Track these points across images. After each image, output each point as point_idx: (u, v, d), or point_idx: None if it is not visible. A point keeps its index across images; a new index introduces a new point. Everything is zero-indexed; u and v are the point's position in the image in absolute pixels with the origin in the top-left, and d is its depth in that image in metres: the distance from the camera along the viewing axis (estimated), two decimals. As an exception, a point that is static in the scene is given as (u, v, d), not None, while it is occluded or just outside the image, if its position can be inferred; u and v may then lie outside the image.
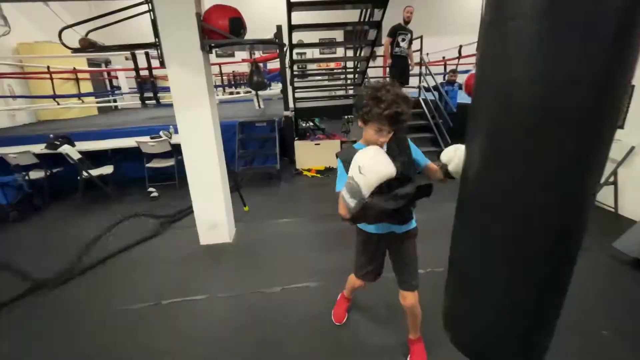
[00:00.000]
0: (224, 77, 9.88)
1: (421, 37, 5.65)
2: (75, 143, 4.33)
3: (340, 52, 9.13)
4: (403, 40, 4.62)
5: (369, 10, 3.88)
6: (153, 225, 3.40)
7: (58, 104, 6.98)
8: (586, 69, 0.63)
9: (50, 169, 4.26)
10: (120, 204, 4.17)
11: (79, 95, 7.84)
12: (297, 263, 2.64)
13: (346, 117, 7.67)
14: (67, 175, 4.35)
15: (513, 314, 0.85)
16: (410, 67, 5.32)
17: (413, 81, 5.94)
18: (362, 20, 4.25)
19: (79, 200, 4.19)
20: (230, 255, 2.84)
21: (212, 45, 2.61)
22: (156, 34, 2.41)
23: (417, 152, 1.38)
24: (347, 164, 1.19)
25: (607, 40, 0.61)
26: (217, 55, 10.22)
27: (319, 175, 5.02)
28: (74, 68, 7.67)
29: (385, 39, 4.73)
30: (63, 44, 2.37)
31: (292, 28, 3.77)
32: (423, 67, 5.53)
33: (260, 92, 5.45)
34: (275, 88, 6.97)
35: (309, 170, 5.16)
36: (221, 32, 2.46)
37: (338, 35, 10.42)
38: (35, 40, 7.32)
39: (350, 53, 6.57)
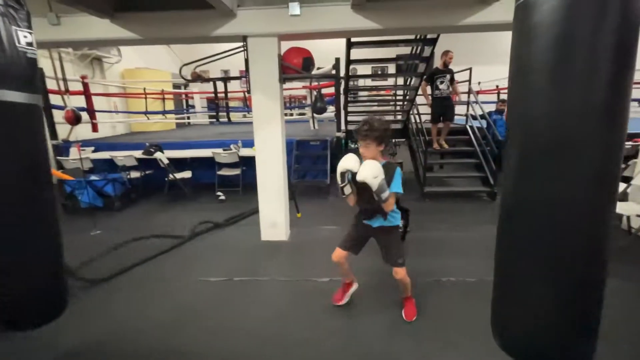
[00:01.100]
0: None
1: (470, 69, 5.95)
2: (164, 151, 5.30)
3: (391, 81, 9.64)
4: (442, 82, 4.88)
5: (419, 47, 4.34)
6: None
7: (148, 118, 8.37)
8: (588, 106, 0.94)
9: (145, 170, 5.24)
10: (195, 203, 4.97)
11: (164, 112, 9.27)
12: (342, 262, 3.06)
13: (393, 140, 8.07)
14: (157, 177, 5.31)
15: (554, 317, 1.06)
16: (454, 103, 5.50)
17: (461, 109, 6.20)
18: (412, 54, 4.74)
19: (164, 197, 5.09)
20: (286, 250, 3.35)
21: (286, 78, 3.25)
22: (247, 68, 3.12)
23: (396, 181, 1.90)
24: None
25: (602, 84, 0.91)
26: (278, 81, 11.33)
27: (364, 192, 5.43)
28: (162, 90, 9.14)
29: (422, 83, 4.99)
30: (181, 76, 3.19)
31: (349, 62, 4.36)
32: (471, 96, 5.79)
33: (316, 115, 6.12)
34: (329, 112, 7.65)
35: (355, 187, 5.59)
36: (295, 68, 3.09)
37: (391, 66, 11.00)
38: (136, 67, 8.94)
39: (401, 82, 7.04)
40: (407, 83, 5.61)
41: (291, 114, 11.00)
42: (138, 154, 5.14)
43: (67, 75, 5.55)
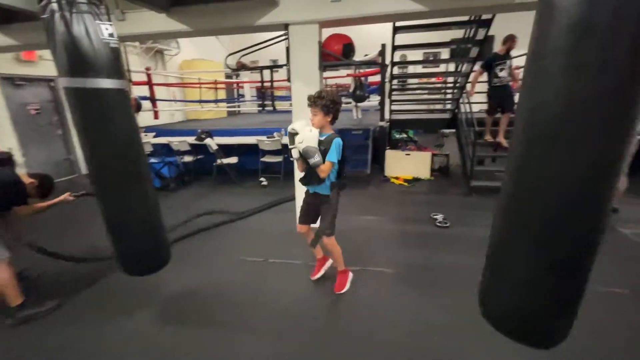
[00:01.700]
0: (328, 89, 10.88)
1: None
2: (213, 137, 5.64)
3: (443, 68, 9.08)
4: (502, 70, 4.37)
5: (472, 30, 4.02)
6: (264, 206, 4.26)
7: (202, 107, 8.93)
8: (597, 95, 0.88)
9: (197, 155, 5.65)
10: (240, 187, 5.25)
11: (216, 101, 9.81)
12: (375, 252, 3.04)
13: (442, 130, 7.65)
14: (207, 161, 5.69)
15: (537, 291, 1.09)
16: (513, 92, 4.95)
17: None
18: (465, 38, 4.40)
19: (212, 181, 5.45)
20: (320, 237, 3.41)
21: (327, 65, 3.24)
22: (288, 56, 3.17)
23: (331, 152, 2.03)
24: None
25: (616, 74, 0.84)
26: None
27: (406, 184, 5.27)
28: (215, 80, 9.66)
29: (477, 71, 4.57)
30: (227, 65, 3.34)
31: (395, 48, 4.20)
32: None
33: (359, 104, 6.02)
34: (374, 100, 7.46)
35: (396, 178, 5.45)
36: (335, 55, 3.06)
37: (445, 51, 10.35)
38: (193, 58, 9.54)
39: (452, 68, 6.60)
40: (459, 69, 5.24)
41: (337, 103, 10.94)
42: (191, 139, 5.54)
43: (134, 67, 6.13)
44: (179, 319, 2.21)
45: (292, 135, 2.02)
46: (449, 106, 6.11)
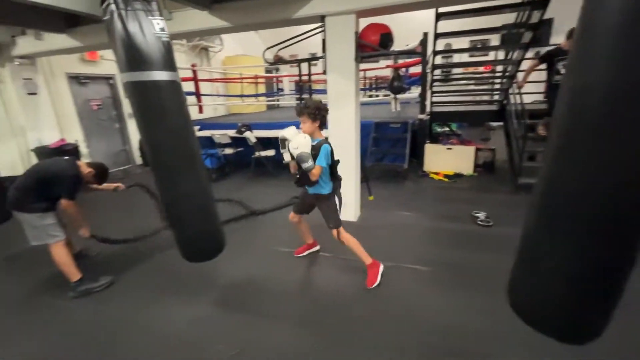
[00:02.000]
0: (367, 81, 10.69)
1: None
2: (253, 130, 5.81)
3: (492, 56, 8.46)
4: (564, 65, 3.92)
5: (526, 13, 3.67)
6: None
7: (243, 101, 9.24)
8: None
9: (237, 147, 5.87)
10: (276, 179, 5.37)
11: (256, 95, 10.09)
12: (410, 249, 2.95)
13: (488, 123, 7.16)
14: (246, 154, 5.89)
15: (571, 286, 1.00)
16: None
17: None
18: (517, 22, 4.04)
19: (250, 173, 5.64)
20: (353, 230, 3.33)
21: (364, 57, 3.17)
22: (324, 49, 3.14)
23: (320, 157, 2.13)
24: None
25: None
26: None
27: (446, 179, 5.03)
28: (256, 75, 9.91)
29: (533, 61, 4.15)
30: (264, 59, 3.41)
31: (437, 36, 3.98)
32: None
33: (398, 96, 5.83)
34: (415, 92, 7.19)
35: (436, 173, 5.22)
36: (372, 46, 2.98)
37: (495, 37, 9.61)
38: (235, 54, 9.87)
39: (502, 56, 6.12)
40: (509, 57, 4.84)
41: (376, 95, 10.72)
42: (232, 132, 5.76)
43: (181, 64, 6.48)
44: (214, 302, 2.33)
45: (283, 141, 2.19)
46: (496, 97, 5.68)
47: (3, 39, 4.60)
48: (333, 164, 2.27)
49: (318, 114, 2.21)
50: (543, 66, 4.28)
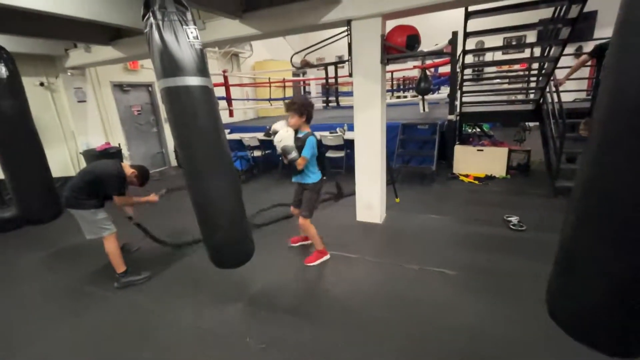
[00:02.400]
0: (394, 82, 10.57)
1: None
2: (281, 133, 5.95)
3: (527, 53, 8.05)
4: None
5: (563, 7, 3.50)
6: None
7: (271, 104, 9.47)
8: None
9: (265, 150, 6.04)
10: (303, 181, 5.46)
11: (284, 99, 10.28)
12: (437, 252, 2.89)
13: (524, 124, 6.82)
14: (274, 156, 6.04)
15: (615, 294, 0.95)
16: None
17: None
18: (555, 17, 3.85)
19: (277, 175, 5.78)
20: (379, 232, 3.39)
21: (390, 58, 3.16)
22: (350, 52, 3.18)
23: (305, 148, 2.39)
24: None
25: None
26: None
27: (476, 182, 4.87)
28: (284, 79, 10.12)
29: (582, 57, 3.95)
30: (292, 64, 3.51)
31: (467, 35, 3.88)
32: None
33: (426, 97, 5.72)
34: (444, 92, 7.01)
35: (466, 175, 5.07)
36: (399, 47, 2.97)
37: (531, 35, 9.15)
38: (264, 59, 10.14)
39: (537, 54, 5.83)
40: (546, 54, 4.61)
41: (404, 96, 10.56)
42: (260, 135, 5.94)
43: (213, 70, 6.79)
44: (240, 301, 2.43)
45: (274, 133, 2.44)
46: (532, 96, 5.42)
47: (58, 52, 5.07)
48: (320, 156, 2.48)
49: (304, 109, 2.42)
50: (587, 63, 4.05)
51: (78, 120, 5.65)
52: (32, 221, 3.20)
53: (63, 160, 5.60)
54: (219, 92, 7.31)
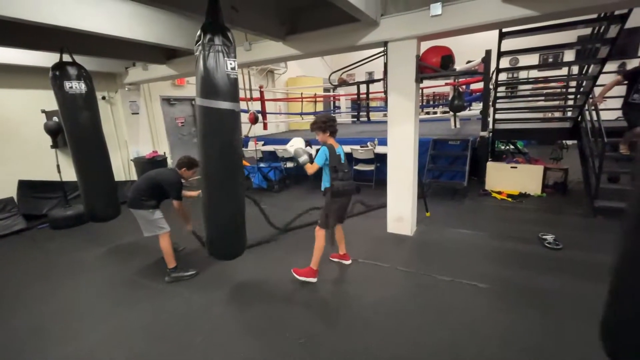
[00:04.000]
0: (424, 98, 10.64)
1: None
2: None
3: (562, 71, 7.87)
4: None
5: (602, 27, 3.51)
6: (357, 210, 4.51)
7: (302, 118, 9.83)
8: None
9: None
10: (333, 193, 5.63)
11: (315, 113, 10.63)
12: (469, 265, 2.93)
13: (561, 142, 6.64)
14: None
15: None
16: None
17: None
18: (593, 36, 3.86)
19: (309, 185, 6.00)
20: (409, 244, 3.47)
21: (424, 77, 3.32)
22: (385, 71, 3.37)
23: (318, 156, 2.61)
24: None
25: None
26: (422, 78, 11.08)
27: (510, 199, 4.81)
28: (315, 94, 10.50)
29: (617, 77, 3.92)
30: (330, 82, 3.75)
31: (501, 54, 3.96)
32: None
33: (458, 113, 5.77)
34: (476, 109, 7.00)
35: (499, 192, 5.02)
36: (433, 67, 3.13)
37: (569, 51, 8.94)
38: (297, 75, 10.60)
39: (575, 71, 5.73)
40: (584, 72, 4.56)
41: (434, 112, 10.57)
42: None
43: (251, 85, 7.25)
44: (278, 300, 2.60)
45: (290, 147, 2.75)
46: (569, 114, 5.31)
47: (119, 70, 5.69)
48: (333, 164, 2.59)
49: (325, 126, 2.63)
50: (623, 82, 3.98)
51: (131, 130, 6.23)
52: (97, 219, 3.60)
53: (116, 166, 6.10)
54: (256, 105, 7.75)
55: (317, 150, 2.68)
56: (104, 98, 5.80)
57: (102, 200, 3.50)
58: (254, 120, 6.16)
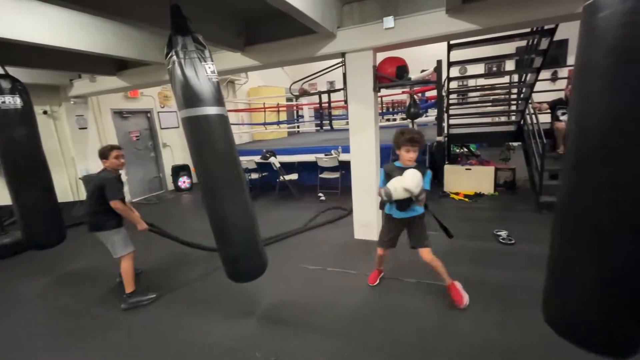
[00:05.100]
0: (384, 106, 11.05)
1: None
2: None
3: (505, 79, 8.62)
4: (563, 114, 4.48)
5: (535, 40, 3.89)
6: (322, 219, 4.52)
7: (266, 128, 9.75)
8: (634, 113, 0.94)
9: (262, 172, 6.22)
10: (300, 202, 5.61)
11: (278, 123, 10.61)
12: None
13: (508, 144, 7.20)
14: (271, 178, 6.22)
15: (599, 294, 1.09)
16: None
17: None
18: (528, 48, 4.25)
19: (275, 196, 5.92)
20: (375, 250, 3.52)
21: (381, 87, 3.44)
22: (345, 81, 3.45)
23: (428, 181, 2.28)
24: (387, 174, 2.31)
25: None
26: (380, 87, 11.53)
27: (467, 199, 5.10)
28: (278, 104, 10.49)
29: (544, 105, 4.81)
30: (291, 92, 3.76)
31: (450, 64, 4.24)
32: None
33: (415, 120, 6.05)
34: (432, 115, 7.38)
35: (456, 193, 5.30)
36: (389, 77, 3.26)
37: (510, 61, 9.80)
38: (258, 85, 10.53)
39: (515, 79, 6.28)
40: (522, 80, 5.01)
41: (394, 119, 11.00)
42: (257, 158, 6.13)
43: (211, 97, 7.07)
44: (247, 316, 2.51)
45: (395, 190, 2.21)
46: (513, 118, 5.79)
47: (62, 82, 5.27)
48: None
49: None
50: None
51: (78, 147, 5.77)
52: (37, 246, 3.25)
53: (63, 186, 5.66)
54: (217, 117, 7.55)
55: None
56: (45, 113, 5.34)
57: (43, 225, 3.17)
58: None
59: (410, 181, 2.13)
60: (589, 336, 1.17)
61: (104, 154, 2.71)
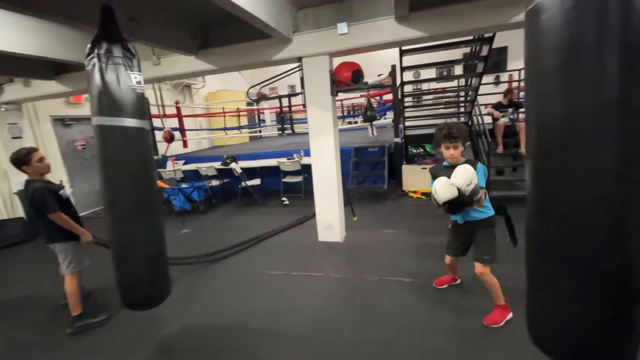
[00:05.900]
0: (344, 109, 11.28)
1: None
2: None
3: (454, 84, 9.23)
4: (503, 116, 4.98)
5: (477, 47, 4.21)
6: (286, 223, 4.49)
7: (226, 134, 9.50)
8: (597, 106, 0.95)
9: (223, 179, 6.04)
10: (263, 207, 5.54)
11: (239, 128, 10.39)
12: (394, 263, 3.15)
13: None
14: (232, 184, 6.06)
15: (583, 315, 1.08)
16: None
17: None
18: (472, 54, 4.59)
19: (237, 202, 5.78)
20: (340, 250, 3.58)
21: (339, 91, 3.52)
22: (302, 85, 3.48)
23: (480, 176, 1.94)
24: (432, 176, 2.19)
25: (611, 83, 0.91)
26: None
27: (424, 197, 5.35)
28: (238, 108, 10.28)
29: (489, 110, 5.25)
30: (248, 97, 3.71)
31: (403, 69, 4.44)
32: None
33: (374, 122, 6.25)
34: (389, 117, 7.67)
35: (414, 192, 5.55)
36: (345, 81, 3.34)
37: (459, 67, 10.48)
38: (217, 89, 10.25)
39: (462, 83, 6.74)
40: (468, 84, 5.39)
41: (355, 122, 11.26)
42: (217, 165, 5.95)
43: (164, 101, 6.73)
44: (214, 324, 2.42)
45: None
46: (462, 119, 6.20)
47: (-11, 87, 4.73)
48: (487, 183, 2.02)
49: (467, 136, 2.07)
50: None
51: (12, 158, 5.19)
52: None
53: (-6, 203, 5.06)
54: (172, 122, 7.23)
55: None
56: (-30, 121, 4.75)
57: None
58: (169, 139, 5.72)
59: (459, 177, 1.85)
60: (562, 347, 1.18)
61: (22, 160, 2.35)
